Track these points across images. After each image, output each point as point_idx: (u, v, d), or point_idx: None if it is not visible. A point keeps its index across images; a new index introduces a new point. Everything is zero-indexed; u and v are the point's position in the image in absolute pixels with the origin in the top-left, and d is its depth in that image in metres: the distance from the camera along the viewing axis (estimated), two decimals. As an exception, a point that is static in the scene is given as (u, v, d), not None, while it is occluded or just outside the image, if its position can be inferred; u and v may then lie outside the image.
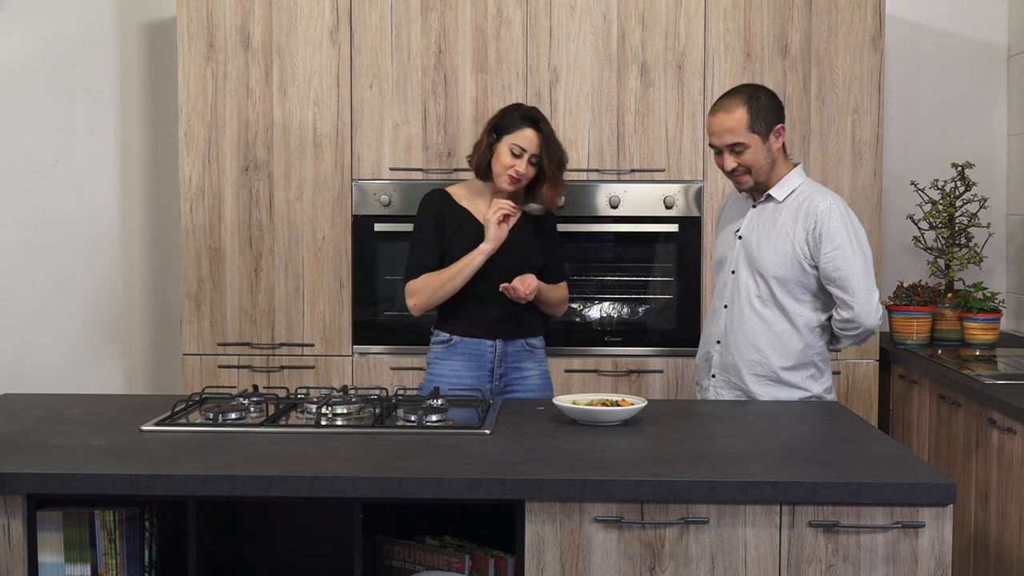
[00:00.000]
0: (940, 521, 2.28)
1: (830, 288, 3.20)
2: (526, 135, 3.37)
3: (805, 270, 3.20)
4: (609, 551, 2.31)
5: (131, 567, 2.43)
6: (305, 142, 4.30)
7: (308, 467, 2.39)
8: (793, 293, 3.22)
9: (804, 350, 3.24)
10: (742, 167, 3.20)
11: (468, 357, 3.43)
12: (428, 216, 3.48)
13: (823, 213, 3.17)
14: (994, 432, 3.40)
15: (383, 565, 2.65)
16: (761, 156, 3.19)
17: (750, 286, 3.25)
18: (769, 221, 3.24)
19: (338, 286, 4.32)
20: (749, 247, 3.26)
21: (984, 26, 4.83)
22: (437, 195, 3.52)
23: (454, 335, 3.45)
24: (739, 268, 3.28)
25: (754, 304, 3.24)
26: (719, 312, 3.33)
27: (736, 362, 3.26)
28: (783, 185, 3.25)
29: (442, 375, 3.42)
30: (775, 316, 3.23)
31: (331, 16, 4.27)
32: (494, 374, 3.43)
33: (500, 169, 3.39)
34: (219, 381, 4.26)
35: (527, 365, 3.49)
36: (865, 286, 3.17)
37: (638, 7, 4.24)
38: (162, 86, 4.81)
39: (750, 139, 3.16)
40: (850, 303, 3.16)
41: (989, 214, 4.66)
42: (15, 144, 4.88)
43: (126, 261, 4.93)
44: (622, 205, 4.28)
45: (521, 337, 3.48)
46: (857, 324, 3.19)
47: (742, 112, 3.16)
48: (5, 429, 2.74)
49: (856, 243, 3.18)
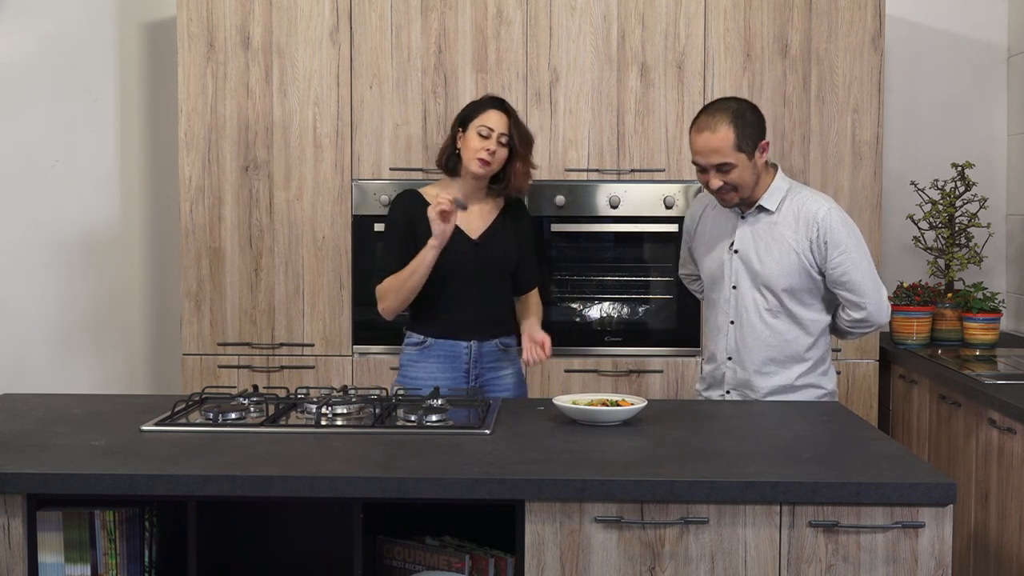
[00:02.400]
0: (940, 521, 2.28)
1: (838, 291, 3.20)
2: (492, 116, 3.35)
3: (813, 277, 3.20)
4: (609, 551, 2.31)
5: (131, 567, 2.43)
6: (305, 142, 4.30)
7: (308, 467, 2.39)
8: (802, 300, 3.22)
9: (816, 350, 3.25)
10: (728, 185, 3.14)
11: (443, 359, 3.40)
12: (397, 219, 3.42)
13: (824, 220, 3.16)
14: (994, 432, 3.40)
15: (383, 565, 2.65)
16: (747, 174, 3.14)
17: (758, 300, 3.22)
18: (766, 233, 3.22)
19: (338, 286, 4.32)
20: (749, 261, 3.22)
21: (984, 26, 4.83)
22: (407, 196, 3.47)
23: (428, 336, 3.41)
24: (740, 283, 3.25)
25: (764, 317, 3.22)
26: (724, 328, 3.29)
27: (751, 377, 3.25)
28: (772, 194, 3.22)
29: (416, 377, 3.38)
30: (786, 325, 3.22)
31: (331, 16, 4.27)
32: (470, 375, 3.40)
33: (470, 155, 3.33)
34: (219, 381, 4.26)
35: (502, 365, 3.45)
36: (874, 286, 3.19)
37: (638, 7, 4.24)
38: (162, 86, 4.81)
39: (737, 158, 3.11)
40: (862, 304, 3.18)
41: (989, 214, 4.66)
42: (15, 144, 4.88)
43: (126, 261, 4.93)
44: (622, 205, 4.28)
45: (496, 337, 3.44)
46: (870, 323, 3.21)
47: (728, 131, 3.09)
48: (5, 429, 2.74)
49: (858, 243, 3.19)
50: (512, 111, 3.41)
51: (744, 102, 3.20)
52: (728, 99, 3.24)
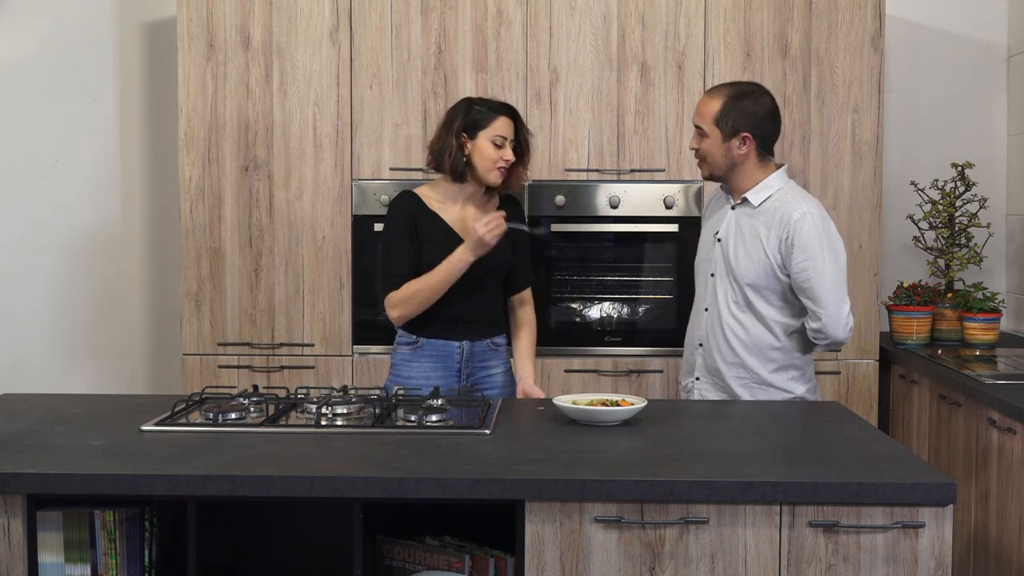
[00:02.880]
0: (940, 521, 2.28)
1: (800, 297, 3.19)
2: (504, 124, 3.35)
3: (778, 277, 3.20)
4: (609, 551, 2.31)
5: (131, 567, 2.43)
6: (305, 142, 4.30)
7: (308, 467, 2.39)
8: (767, 299, 3.22)
9: (783, 354, 3.24)
10: (699, 153, 3.27)
11: (435, 359, 3.39)
12: (400, 221, 3.40)
13: (796, 222, 3.15)
14: (994, 432, 3.40)
15: (383, 565, 2.65)
16: (716, 151, 3.22)
17: (727, 291, 3.26)
18: (745, 226, 3.25)
19: (338, 286, 4.32)
20: (726, 252, 3.27)
21: (984, 26, 4.83)
22: (407, 198, 3.44)
23: (421, 336, 3.40)
24: (717, 272, 3.29)
25: (732, 309, 3.25)
26: (700, 315, 3.34)
27: (719, 366, 3.28)
28: (760, 190, 3.24)
29: (409, 376, 3.38)
30: (751, 321, 3.23)
31: (331, 16, 4.27)
32: (461, 374, 3.40)
33: (488, 164, 3.33)
34: (219, 381, 4.26)
35: (492, 364, 3.45)
36: (835, 299, 3.14)
37: (638, 7, 4.24)
38: (162, 86, 4.81)
39: (711, 130, 3.22)
40: (819, 314, 3.15)
41: (989, 214, 4.66)
42: (15, 144, 4.88)
43: (126, 261, 4.93)
44: (622, 205, 4.28)
45: (488, 337, 3.44)
46: (825, 335, 3.17)
47: (717, 103, 3.22)
48: (5, 429, 2.74)
49: (829, 253, 3.15)
50: (518, 115, 3.42)
51: (752, 94, 3.24)
52: (750, 83, 3.36)
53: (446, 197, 3.43)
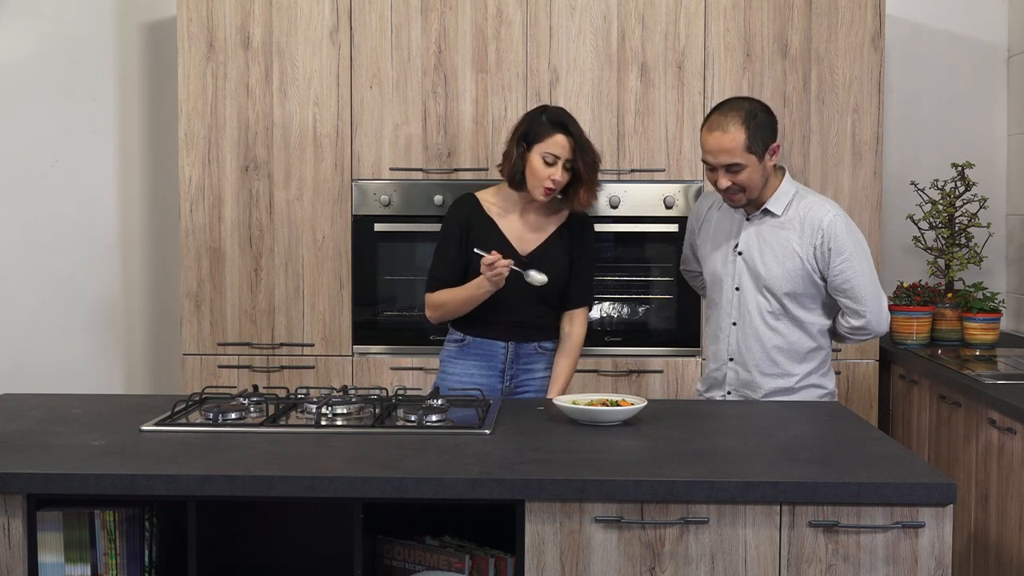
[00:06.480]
0: (940, 521, 2.28)
1: (839, 298, 3.21)
2: (558, 141, 3.25)
3: (815, 283, 3.21)
4: (609, 551, 2.31)
5: (131, 567, 2.43)
6: (305, 142, 4.30)
7: (308, 467, 2.39)
8: (804, 304, 3.23)
9: (818, 351, 3.27)
10: (736, 186, 3.13)
11: (480, 357, 3.39)
12: (454, 227, 3.38)
13: (829, 226, 3.16)
14: (994, 432, 3.40)
15: (383, 565, 2.65)
16: (757, 175, 3.14)
17: (760, 303, 3.23)
18: (771, 236, 3.22)
19: (338, 286, 4.32)
20: (753, 264, 3.23)
21: (984, 26, 4.83)
22: (467, 201, 3.42)
23: (468, 335, 3.40)
24: (743, 285, 3.25)
25: (767, 319, 3.23)
26: (727, 329, 3.29)
27: (755, 378, 3.25)
28: (779, 198, 3.22)
29: (454, 374, 3.39)
30: (788, 328, 3.23)
31: (331, 16, 4.27)
32: (505, 375, 3.39)
33: (536, 181, 3.26)
34: (219, 381, 4.26)
35: (537, 366, 3.43)
36: (875, 294, 3.20)
37: (638, 7, 4.24)
38: (162, 86, 4.81)
39: (747, 159, 3.10)
40: (862, 312, 3.19)
41: (989, 214, 4.66)
42: (15, 144, 4.88)
43: (126, 261, 4.93)
44: (622, 205, 4.28)
45: (535, 340, 3.42)
46: (868, 331, 3.23)
47: (740, 132, 3.08)
48: (5, 429, 2.74)
49: (861, 252, 3.19)
50: (576, 131, 3.28)
51: (757, 103, 3.19)
52: (741, 99, 3.24)
53: (507, 203, 3.39)
